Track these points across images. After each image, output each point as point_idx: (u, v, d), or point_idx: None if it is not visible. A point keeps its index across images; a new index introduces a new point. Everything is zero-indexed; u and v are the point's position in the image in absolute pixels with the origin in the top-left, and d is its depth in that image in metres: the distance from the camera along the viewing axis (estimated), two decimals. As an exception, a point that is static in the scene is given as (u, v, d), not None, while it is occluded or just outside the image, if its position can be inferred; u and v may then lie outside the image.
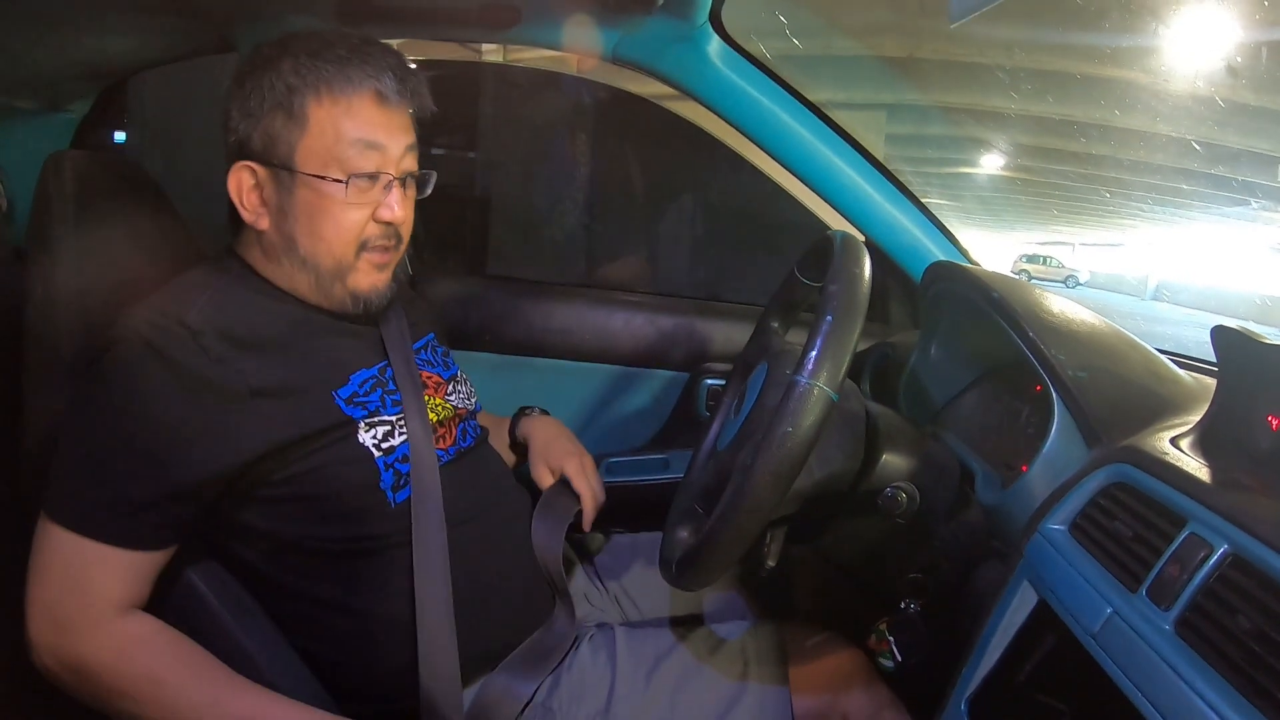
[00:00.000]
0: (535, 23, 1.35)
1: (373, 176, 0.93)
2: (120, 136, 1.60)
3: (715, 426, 1.17)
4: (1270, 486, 0.67)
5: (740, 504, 0.77)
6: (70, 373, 0.98)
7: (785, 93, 1.40)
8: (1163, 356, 1.03)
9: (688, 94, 1.40)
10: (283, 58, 0.91)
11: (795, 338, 1.07)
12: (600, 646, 1.05)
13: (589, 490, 1.19)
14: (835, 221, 1.49)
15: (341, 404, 0.94)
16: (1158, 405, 0.89)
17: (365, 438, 0.95)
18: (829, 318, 0.79)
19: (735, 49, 1.37)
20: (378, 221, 0.95)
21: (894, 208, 1.45)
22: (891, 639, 0.96)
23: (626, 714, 0.99)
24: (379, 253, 0.97)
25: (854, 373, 1.45)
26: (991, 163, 18.86)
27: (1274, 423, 0.72)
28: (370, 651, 0.96)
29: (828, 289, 0.83)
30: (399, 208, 0.95)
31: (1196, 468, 0.71)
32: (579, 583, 1.21)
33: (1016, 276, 1.20)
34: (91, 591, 0.84)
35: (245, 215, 0.95)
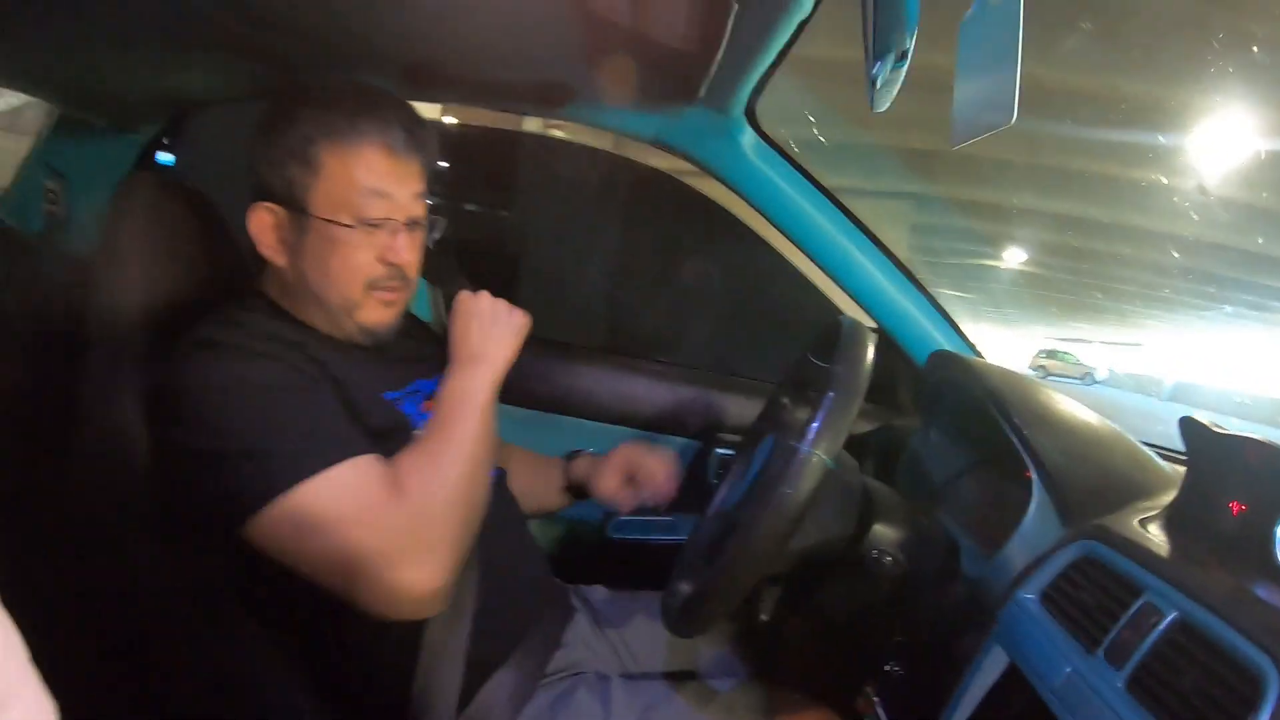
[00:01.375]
0: (586, 103, 1.46)
1: (379, 223, 1.01)
2: (165, 158, 1.68)
3: (723, 490, 1.25)
4: (1228, 565, 0.74)
5: (740, 556, 0.85)
6: (126, 388, 1.06)
7: (809, 184, 1.50)
8: (1147, 448, 1.11)
9: (720, 179, 1.51)
10: (300, 108, 1.00)
11: (803, 414, 1.16)
12: (597, 694, 1.10)
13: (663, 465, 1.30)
14: (849, 308, 1.58)
15: (395, 404, 1.03)
16: (1133, 490, 0.96)
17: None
18: (831, 395, 0.88)
19: (766, 141, 1.48)
20: (384, 263, 1.02)
21: (905, 298, 1.54)
22: (877, 700, 1.03)
23: None
24: (386, 291, 1.04)
25: (858, 451, 1.53)
26: (1014, 257, 19.06)
27: (1234, 508, 0.80)
28: (374, 654, 1.00)
29: (833, 369, 0.92)
30: (405, 252, 1.03)
31: (1158, 545, 0.78)
32: (580, 629, 1.26)
33: (1019, 371, 1.29)
34: (376, 491, 0.89)
35: (264, 251, 1.03)
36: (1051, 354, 25.86)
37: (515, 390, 1.70)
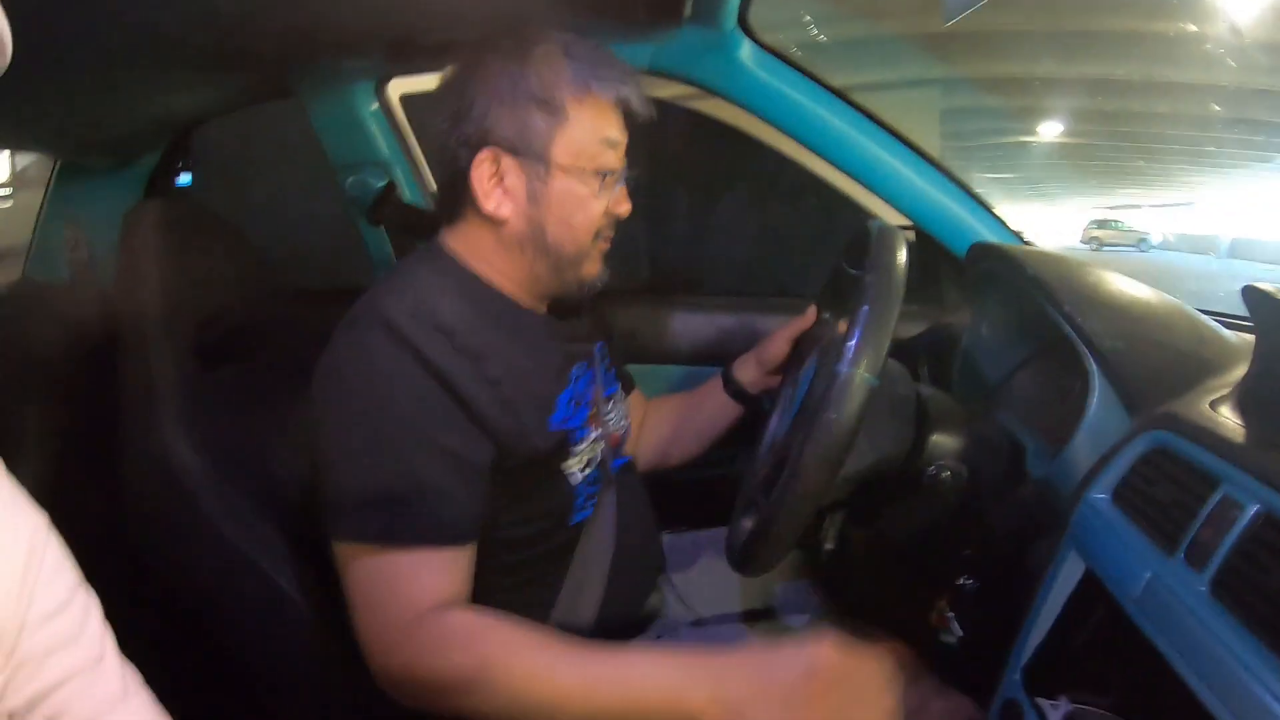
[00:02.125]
0: (571, 44, 1.39)
1: (613, 173, 0.99)
2: (185, 179, 1.68)
3: (774, 419, 1.20)
4: None
5: (793, 490, 0.80)
6: (163, 408, 1.07)
7: (819, 87, 1.42)
8: (1207, 318, 1.03)
9: (725, 98, 1.43)
10: (537, 55, 0.96)
11: (842, 330, 1.10)
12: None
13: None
14: (882, 209, 1.50)
15: (555, 426, 0.98)
16: (1199, 368, 0.89)
17: (573, 466, 1.00)
18: (865, 308, 0.82)
19: (767, 50, 1.40)
20: (610, 213, 1.01)
21: (938, 191, 1.45)
22: (951, 615, 0.98)
23: None
24: (605, 242, 1.04)
25: (910, 356, 1.46)
26: (1051, 130, 18.36)
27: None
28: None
29: (864, 279, 0.85)
30: (625, 202, 1.02)
31: (1232, 430, 0.71)
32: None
33: (1063, 253, 1.20)
34: (418, 597, 0.84)
35: (485, 202, 0.97)
36: (1103, 224, 25.07)
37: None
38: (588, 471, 1.02)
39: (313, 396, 0.92)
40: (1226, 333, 1.01)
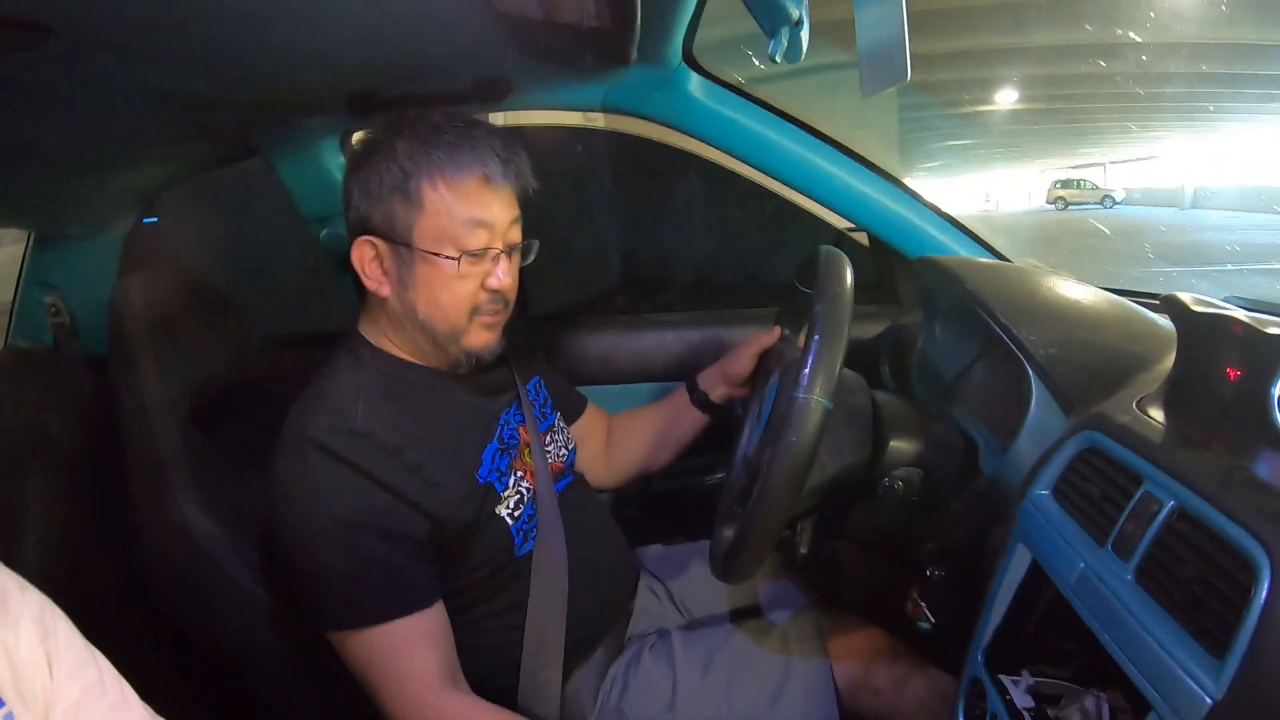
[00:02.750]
0: (528, 89, 1.44)
1: (481, 253, 1.02)
2: (149, 218, 1.70)
3: (745, 432, 1.26)
4: (1229, 436, 0.73)
5: (763, 504, 0.87)
6: (174, 484, 1.11)
7: (767, 112, 1.47)
8: (1140, 310, 1.09)
9: (676, 128, 1.48)
10: (397, 142, 1.01)
11: (798, 350, 1.16)
12: (660, 651, 1.15)
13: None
14: (833, 218, 1.56)
15: (482, 480, 1.06)
16: (1130, 364, 0.95)
17: (502, 511, 1.07)
18: (816, 337, 0.88)
19: (714, 80, 1.45)
20: (486, 289, 1.05)
21: (885, 197, 1.50)
22: (923, 604, 1.04)
23: (689, 706, 1.09)
24: (489, 315, 1.07)
25: (873, 355, 1.53)
26: (1007, 97, 18.49)
27: (1231, 374, 0.78)
28: (483, 651, 1.08)
29: (814, 309, 0.91)
30: (505, 277, 1.05)
31: (1154, 430, 0.77)
32: (644, 595, 1.30)
33: (999, 263, 1.26)
34: (419, 662, 0.96)
35: (369, 284, 1.05)
36: (1067, 184, 25.17)
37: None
38: (520, 510, 1.09)
39: (269, 517, 1.01)
40: (1160, 323, 1.06)
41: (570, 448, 1.25)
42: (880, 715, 1.12)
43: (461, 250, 1.01)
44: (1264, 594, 0.54)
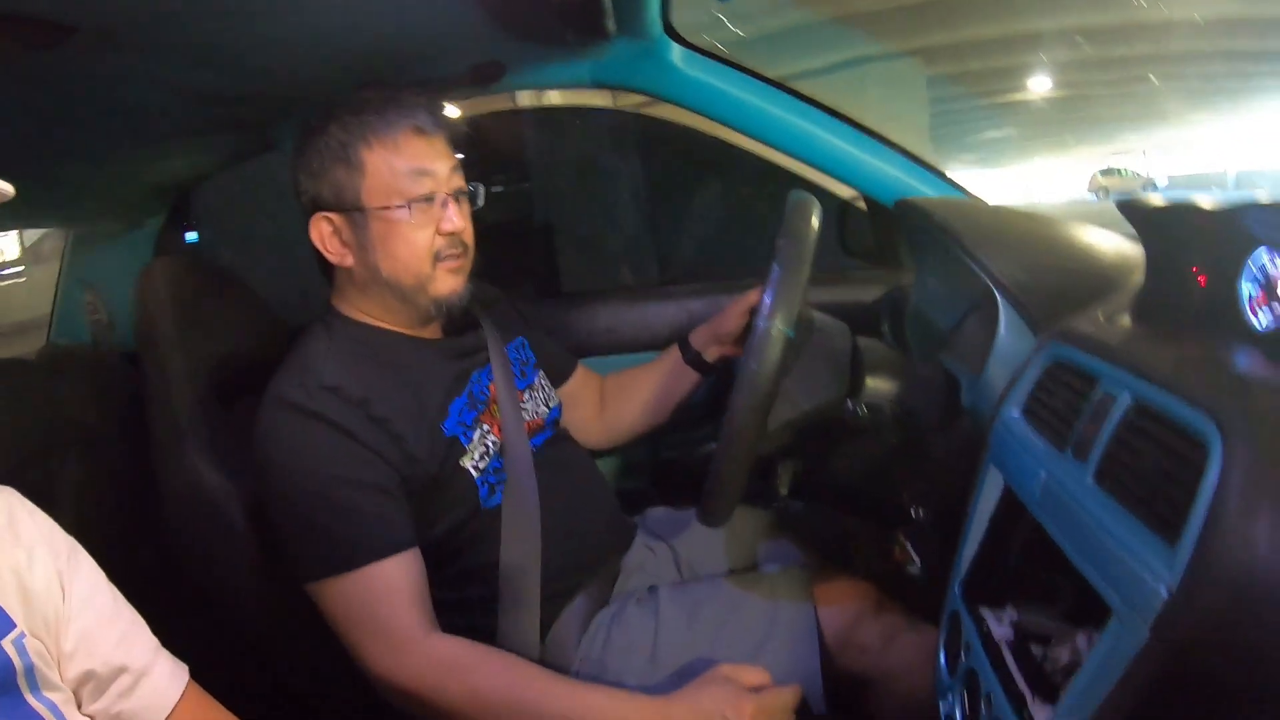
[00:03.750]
0: (519, 71, 1.45)
1: (429, 198, 1.05)
2: (192, 237, 1.75)
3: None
4: (1202, 338, 0.69)
5: (729, 436, 0.86)
6: (189, 445, 1.14)
7: (752, 78, 1.45)
8: (1111, 235, 1.06)
9: (666, 100, 1.48)
10: (330, 121, 1.05)
11: None
12: (646, 605, 1.13)
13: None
14: (838, 188, 1.54)
15: (447, 432, 1.07)
16: (1097, 285, 0.92)
17: (467, 463, 1.07)
18: (777, 268, 0.87)
19: (695, 50, 1.43)
20: (442, 234, 1.06)
21: (880, 160, 1.46)
22: (909, 546, 1.02)
23: (672, 656, 1.07)
24: (451, 260, 1.08)
25: (873, 317, 1.50)
26: (1039, 85, 18.13)
27: (1201, 279, 0.74)
28: (460, 604, 1.08)
29: (777, 244, 0.91)
30: (457, 219, 1.07)
31: (1116, 334, 0.74)
32: (641, 553, 1.29)
33: (973, 199, 1.23)
34: (396, 609, 0.98)
35: (331, 258, 1.08)
36: (1109, 172, 24.56)
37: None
38: (485, 462, 1.09)
39: (256, 479, 1.05)
40: (1128, 246, 1.02)
41: (551, 405, 1.25)
42: (867, 673, 1.10)
43: (409, 199, 1.04)
44: (1216, 471, 0.50)
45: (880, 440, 1.04)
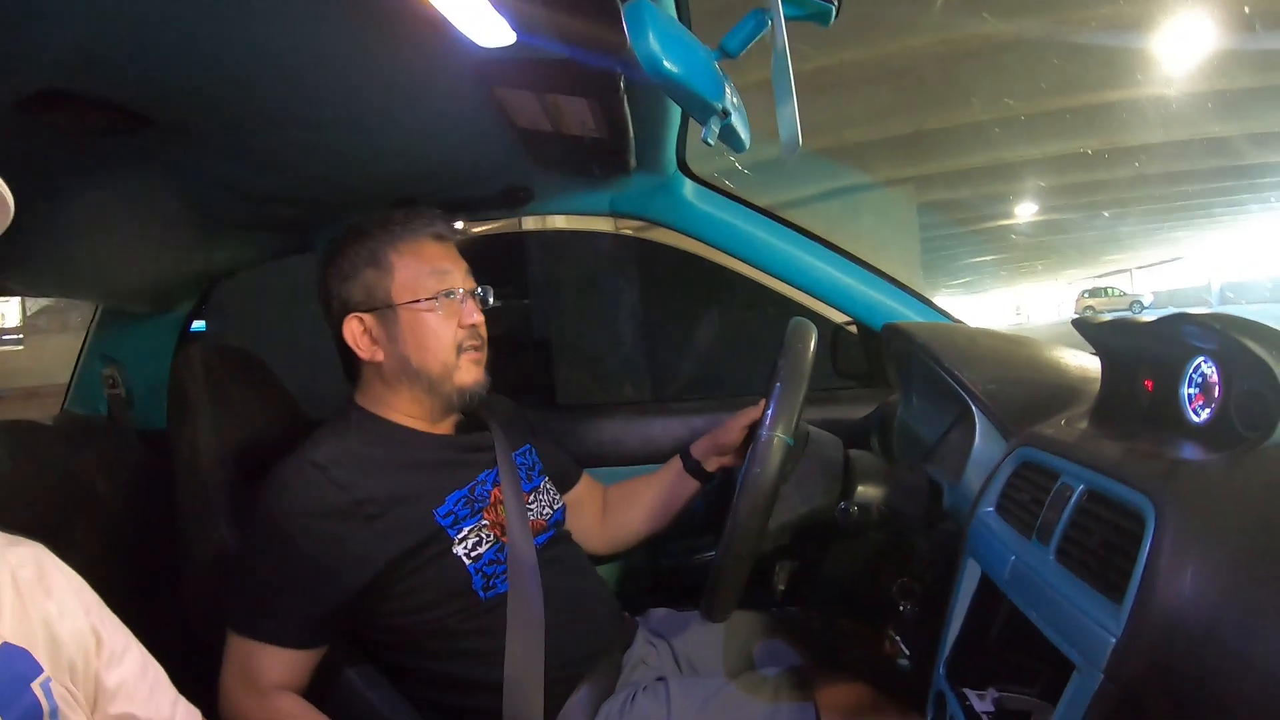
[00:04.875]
0: (545, 197, 1.64)
1: (450, 293, 1.20)
2: (198, 325, 1.85)
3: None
4: (1150, 438, 0.83)
5: (732, 535, 0.98)
6: (218, 516, 1.25)
7: (754, 212, 1.63)
8: (1074, 353, 1.20)
9: (674, 229, 1.65)
10: (360, 232, 1.21)
11: None
12: (656, 694, 1.20)
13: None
14: (831, 314, 1.68)
15: (439, 519, 1.16)
16: (1062, 397, 1.06)
17: (459, 550, 1.16)
18: (778, 384, 1.01)
19: (704, 185, 1.62)
20: (463, 326, 1.21)
21: (868, 287, 1.63)
22: (898, 639, 1.11)
23: None
24: (473, 351, 1.23)
25: (863, 433, 1.63)
26: (1026, 210, 18.78)
27: (1149, 385, 0.89)
28: (464, 688, 1.17)
29: (778, 363, 1.05)
30: (476, 313, 1.22)
31: (1075, 435, 0.88)
32: (643, 649, 1.36)
33: (953, 322, 1.38)
34: (260, 676, 1.09)
35: (362, 354, 1.21)
36: (1094, 292, 25.20)
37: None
38: (479, 552, 1.18)
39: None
40: (1089, 361, 1.17)
41: (556, 508, 1.35)
42: None
43: (435, 293, 1.19)
44: (1150, 538, 0.63)
45: (869, 540, 1.15)
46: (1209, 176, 16.21)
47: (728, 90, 0.82)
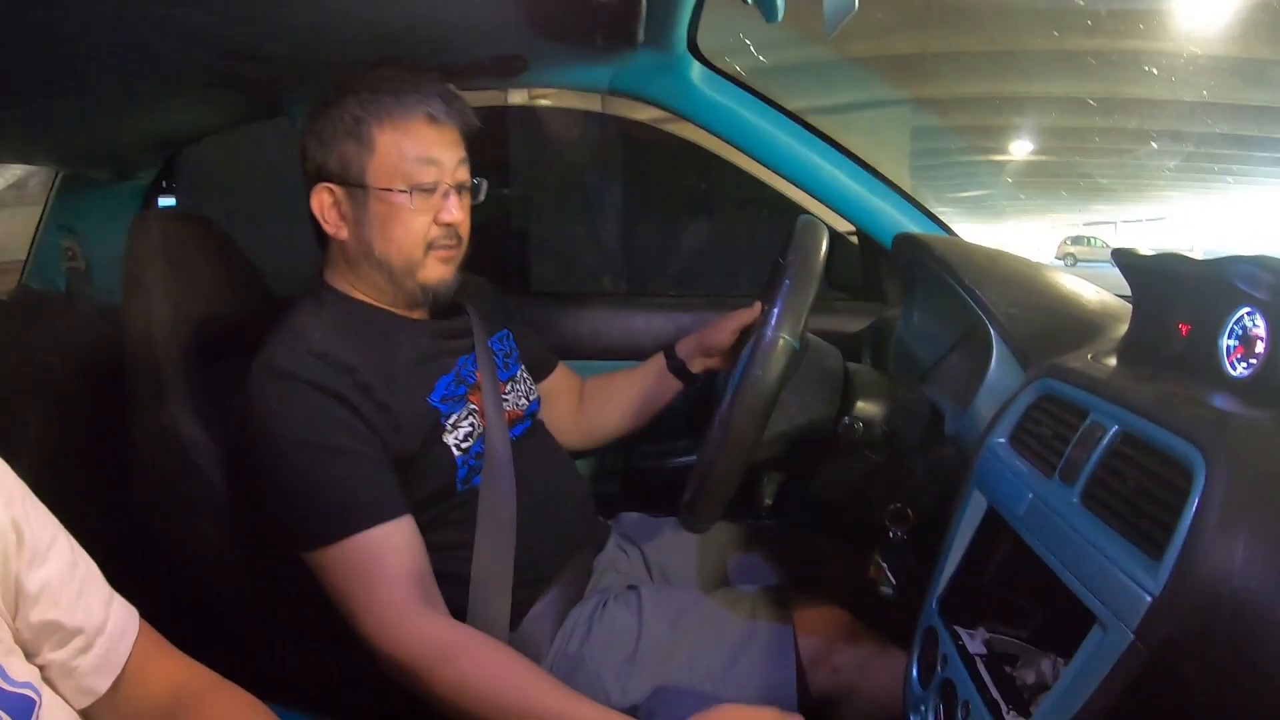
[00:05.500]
0: (540, 68, 1.50)
1: (431, 188, 1.08)
2: (167, 201, 1.74)
3: (722, 401, 1.30)
4: (1181, 383, 0.76)
5: (726, 440, 0.90)
6: (170, 396, 1.16)
7: (764, 104, 1.52)
8: (1095, 287, 1.13)
9: (677, 114, 1.54)
10: (347, 95, 1.08)
11: None
12: (628, 603, 1.16)
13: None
14: (823, 213, 1.57)
15: (435, 404, 1.10)
16: (1084, 329, 0.99)
17: (449, 439, 1.10)
18: (786, 282, 0.92)
19: (714, 70, 1.50)
20: (439, 224, 1.10)
21: (874, 195, 1.54)
22: (885, 566, 1.06)
23: (652, 660, 1.09)
24: (443, 250, 1.12)
25: (855, 347, 1.57)
26: (1021, 148, 18.58)
27: (1183, 329, 0.81)
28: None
29: (786, 260, 0.96)
30: (456, 211, 1.10)
31: (1104, 371, 0.80)
32: (614, 555, 1.32)
33: (971, 240, 1.30)
34: (389, 579, 0.98)
35: (327, 228, 1.11)
36: (1077, 240, 25.18)
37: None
38: (469, 444, 1.12)
39: (236, 447, 1.07)
40: (1111, 299, 1.10)
41: (531, 398, 1.28)
42: (839, 692, 1.13)
43: (412, 185, 1.07)
44: (1199, 493, 0.56)
45: (865, 460, 1.09)
46: (1211, 141, 16.10)
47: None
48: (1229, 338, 0.75)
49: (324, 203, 1.10)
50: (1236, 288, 0.74)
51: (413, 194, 1.07)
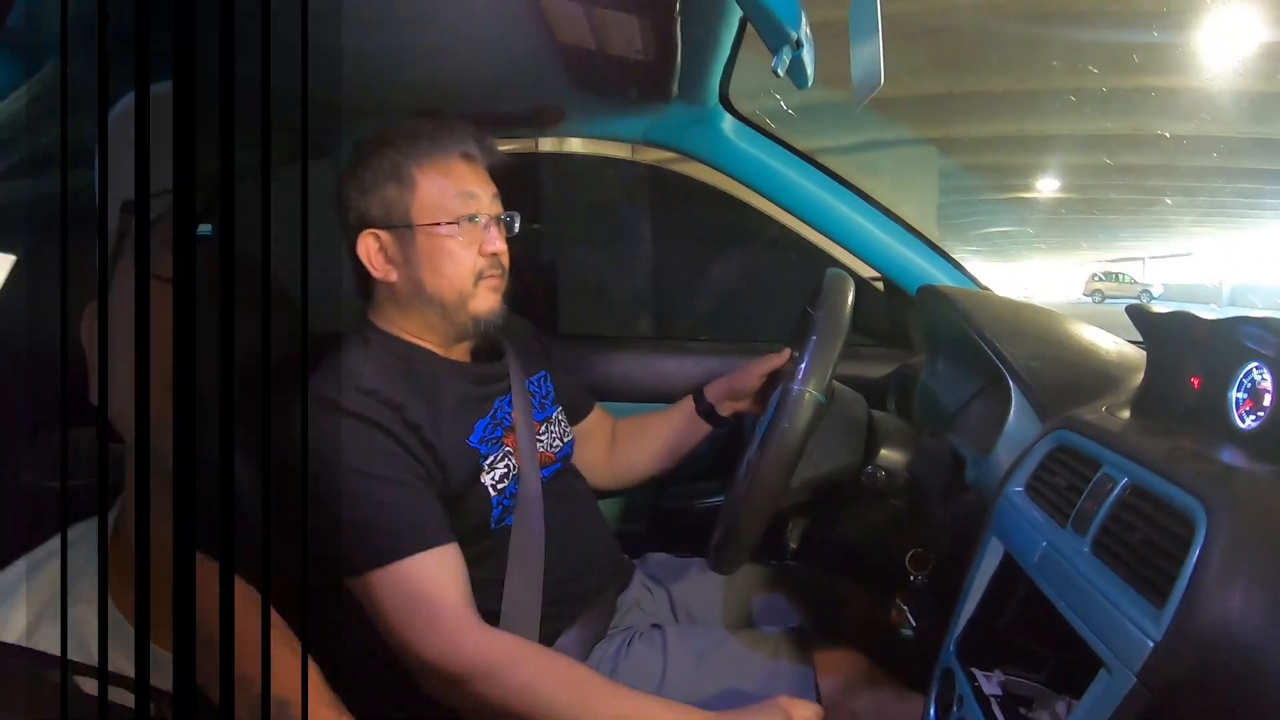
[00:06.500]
0: (577, 119, 1.58)
1: (473, 218, 1.13)
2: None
3: (751, 444, 1.35)
4: (1191, 435, 0.80)
5: (753, 488, 0.95)
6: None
7: (792, 155, 1.57)
8: (1113, 338, 1.17)
9: (710, 165, 1.60)
10: (385, 143, 1.13)
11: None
12: (653, 641, 1.19)
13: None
14: (849, 260, 1.63)
15: (474, 445, 1.14)
16: (1101, 381, 1.03)
17: (486, 480, 1.14)
18: (814, 337, 0.97)
19: (745, 122, 1.56)
20: (484, 255, 1.14)
21: (899, 243, 1.59)
22: (905, 608, 1.10)
23: (676, 698, 1.10)
24: (492, 278, 1.16)
25: (880, 393, 1.60)
26: (1049, 185, 18.61)
27: (1194, 382, 0.86)
28: None
29: (815, 315, 1.01)
30: (499, 241, 1.16)
31: (1118, 425, 0.85)
32: (639, 594, 1.35)
33: (994, 292, 1.34)
34: (448, 597, 1.02)
35: (376, 273, 1.14)
36: (1105, 276, 25.09)
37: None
38: (504, 485, 1.15)
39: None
40: (1129, 349, 1.14)
41: (566, 440, 1.32)
42: None
43: (457, 218, 1.12)
44: (1200, 545, 0.61)
45: (885, 505, 1.13)
46: (1237, 176, 16.05)
47: (803, 20, 0.77)
48: (1238, 390, 0.79)
49: (370, 249, 1.14)
50: (1245, 344, 0.79)
51: (459, 224, 1.13)
